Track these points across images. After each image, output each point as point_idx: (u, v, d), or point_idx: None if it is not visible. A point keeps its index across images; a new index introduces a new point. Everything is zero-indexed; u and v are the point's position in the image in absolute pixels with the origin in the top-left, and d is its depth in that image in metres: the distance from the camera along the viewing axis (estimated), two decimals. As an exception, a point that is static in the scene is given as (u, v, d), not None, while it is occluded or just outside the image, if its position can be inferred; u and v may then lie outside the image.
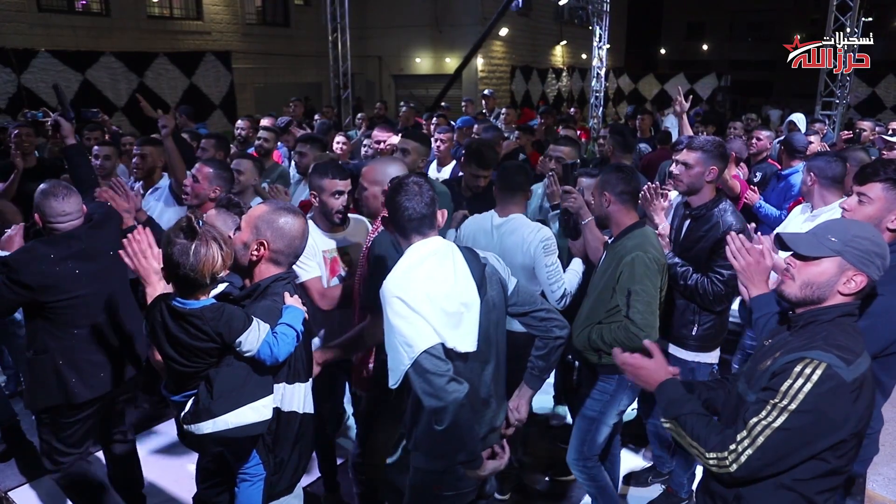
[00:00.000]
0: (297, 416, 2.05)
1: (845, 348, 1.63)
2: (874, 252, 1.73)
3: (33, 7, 12.48)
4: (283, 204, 2.14)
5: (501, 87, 20.26)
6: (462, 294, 2.05)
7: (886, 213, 2.25)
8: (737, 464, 1.64)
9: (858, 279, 1.72)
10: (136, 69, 13.65)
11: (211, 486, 2.14)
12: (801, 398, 1.58)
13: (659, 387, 1.90)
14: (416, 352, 1.94)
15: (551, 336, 2.29)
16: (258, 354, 1.87)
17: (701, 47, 34.78)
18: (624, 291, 2.67)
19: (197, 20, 15.55)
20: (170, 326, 1.87)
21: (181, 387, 1.96)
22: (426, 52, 20.36)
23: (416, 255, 2.06)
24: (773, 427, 1.61)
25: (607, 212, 2.85)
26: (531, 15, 20.49)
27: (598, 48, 16.76)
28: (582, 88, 24.22)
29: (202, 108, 14.20)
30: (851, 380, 1.59)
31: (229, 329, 1.84)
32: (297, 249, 2.09)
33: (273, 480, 2.03)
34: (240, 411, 1.84)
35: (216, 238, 1.87)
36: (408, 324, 1.96)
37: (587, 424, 2.94)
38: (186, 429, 1.86)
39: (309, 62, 17.35)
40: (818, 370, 1.58)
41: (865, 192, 2.28)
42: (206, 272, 1.84)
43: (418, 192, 2.07)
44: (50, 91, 12.14)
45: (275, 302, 1.99)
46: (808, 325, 1.75)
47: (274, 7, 17.81)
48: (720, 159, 2.91)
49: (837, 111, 11.51)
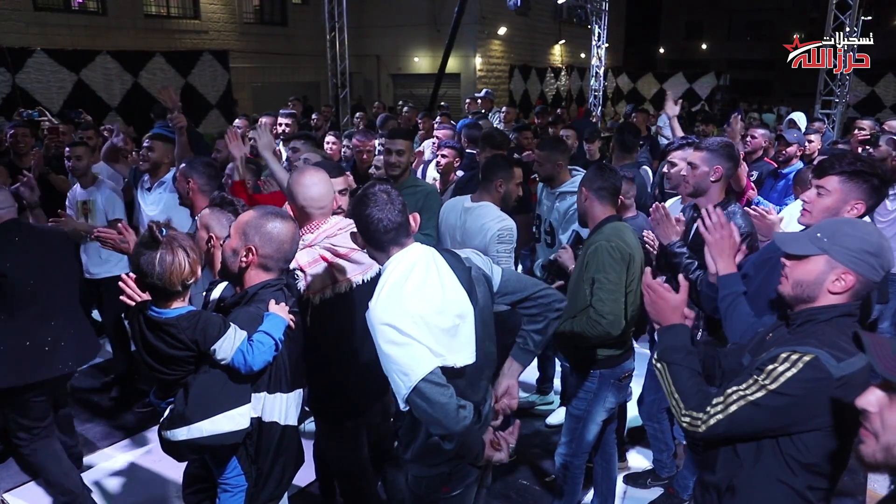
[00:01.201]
0: (279, 428, 2.00)
1: (838, 347, 1.62)
2: (864, 250, 1.68)
3: (29, 6, 12.45)
4: (271, 209, 2.09)
5: (500, 86, 20.24)
6: (454, 305, 1.96)
7: (843, 204, 2.29)
8: (706, 426, 1.68)
9: (847, 278, 1.69)
10: (132, 69, 13.59)
11: (195, 492, 2.13)
12: (781, 381, 1.61)
13: (669, 326, 1.90)
14: (412, 380, 1.83)
15: (553, 309, 2.19)
16: (232, 362, 1.84)
17: (700, 46, 34.81)
18: (589, 280, 2.73)
19: (194, 19, 15.53)
20: (147, 336, 1.87)
21: (167, 394, 1.95)
22: (424, 51, 20.34)
23: (399, 271, 1.93)
24: (747, 399, 1.64)
25: (584, 207, 2.92)
26: (530, 14, 20.47)
27: (597, 47, 16.76)
28: (581, 88, 24.21)
29: (198, 107, 14.15)
30: (839, 376, 1.58)
31: (204, 336, 1.82)
32: (287, 254, 2.03)
33: (253, 493, 1.99)
34: (215, 419, 1.81)
35: (181, 245, 1.86)
36: (402, 351, 1.84)
37: (574, 423, 2.96)
38: (162, 434, 1.86)
39: (307, 61, 17.33)
40: (805, 359, 1.60)
41: (823, 184, 2.32)
42: (175, 280, 1.83)
43: (388, 201, 1.94)
44: (44, 91, 12.13)
45: (258, 309, 1.96)
46: (805, 324, 1.74)
47: (272, 6, 17.80)
48: (726, 159, 2.86)
49: (837, 110, 11.48)
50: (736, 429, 1.67)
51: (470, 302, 2.00)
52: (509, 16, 18.58)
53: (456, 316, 1.96)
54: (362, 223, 1.97)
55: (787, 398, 1.61)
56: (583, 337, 2.73)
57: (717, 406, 1.68)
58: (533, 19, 20.65)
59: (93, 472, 3.69)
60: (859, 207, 2.26)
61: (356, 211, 1.99)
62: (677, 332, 1.88)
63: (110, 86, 13.30)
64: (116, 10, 13.85)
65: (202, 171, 3.36)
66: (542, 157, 3.92)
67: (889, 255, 1.70)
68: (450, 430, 1.87)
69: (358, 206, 1.98)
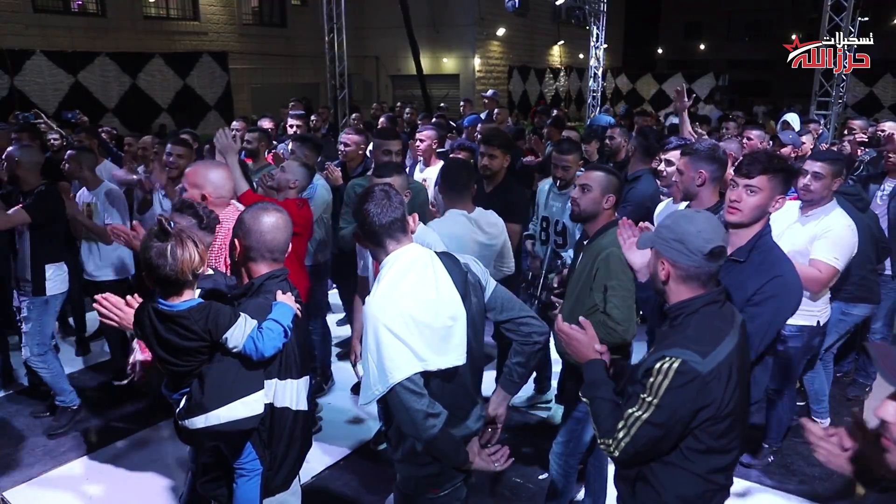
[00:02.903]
0: (290, 413, 2.08)
1: (703, 341, 1.75)
2: (671, 238, 1.82)
3: (28, 7, 12.46)
4: (260, 205, 2.19)
5: (499, 87, 20.25)
6: (448, 307, 2.00)
7: (770, 200, 2.40)
8: (618, 450, 1.81)
9: (666, 265, 1.85)
10: (130, 71, 13.64)
11: (211, 480, 2.18)
12: (660, 393, 1.73)
13: (585, 364, 2.03)
14: (390, 382, 1.92)
15: (531, 342, 2.22)
16: (243, 349, 1.91)
17: (698, 47, 34.78)
18: (600, 288, 2.68)
19: (193, 20, 15.54)
20: (159, 329, 1.92)
21: (178, 385, 2.01)
22: (424, 52, 20.27)
23: (397, 269, 2.01)
24: (641, 419, 1.76)
25: (593, 209, 2.88)
26: (528, 15, 20.47)
27: (595, 48, 16.77)
28: (580, 88, 24.22)
29: (195, 109, 14.19)
30: (707, 371, 1.71)
31: (216, 326, 1.89)
32: (270, 244, 2.10)
33: (269, 476, 2.08)
34: (231, 406, 1.88)
35: (190, 237, 1.92)
36: (388, 350, 1.92)
37: (574, 424, 2.96)
38: (181, 424, 1.92)
39: (306, 63, 17.34)
40: (674, 366, 1.72)
41: (754, 183, 2.40)
42: (187, 270, 1.88)
43: (385, 197, 2.04)
44: (41, 93, 12.13)
45: (266, 299, 2.05)
46: (678, 318, 1.86)
47: (271, 7, 17.81)
48: (709, 162, 2.84)
49: (833, 111, 11.49)
50: (641, 448, 1.79)
51: (463, 306, 2.05)
52: (508, 17, 18.59)
53: (449, 317, 2.00)
54: (360, 218, 2.07)
55: (668, 409, 1.73)
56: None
57: (621, 431, 1.80)
58: (531, 20, 20.66)
59: (92, 471, 3.72)
60: (781, 202, 2.38)
61: (356, 207, 2.10)
62: (594, 367, 2.01)
63: (108, 87, 13.34)
64: (115, 12, 13.86)
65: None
66: (570, 160, 3.89)
67: (697, 241, 1.78)
68: (419, 435, 1.97)
69: (358, 203, 2.09)
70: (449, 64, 20.53)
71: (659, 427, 1.75)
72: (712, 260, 1.80)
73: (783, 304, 2.27)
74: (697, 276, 1.82)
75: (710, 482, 1.87)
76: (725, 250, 1.84)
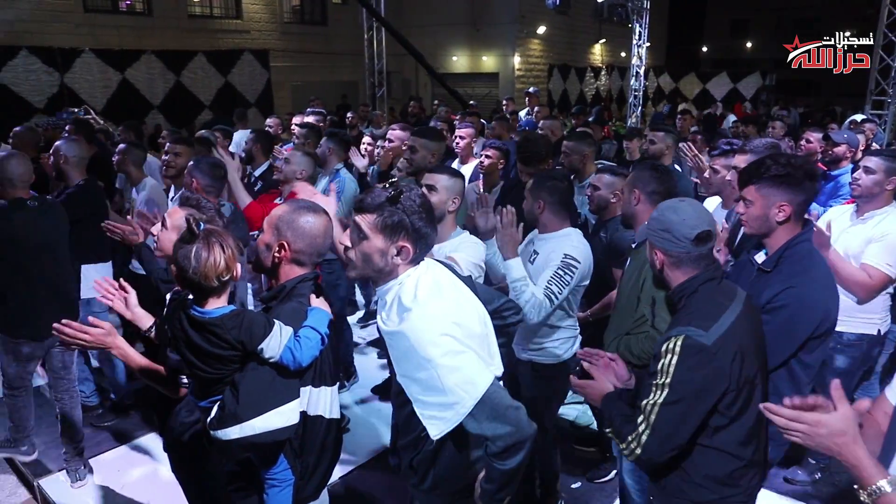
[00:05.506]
0: (323, 421, 1.99)
1: (703, 317, 1.82)
2: (658, 228, 1.98)
3: (79, 7, 12.84)
4: (304, 203, 2.06)
5: (538, 85, 20.06)
6: (480, 312, 1.85)
7: (768, 209, 2.27)
8: (640, 447, 1.80)
9: (658, 254, 2.00)
10: (174, 68, 13.94)
11: (239, 489, 2.10)
12: (672, 371, 1.77)
13: (603, 399, 2.02)
14: (480, 391, 1.67)
15: (507, 324, 2.09)
16: (281, 360, 1.82)
17: (745, 45, 33.92)
18: (649, 300, 2.46)
19: (236, 19, 15.81)
20: (190, 335, 1.85)
21: (207, 392, 1.93)
22: (463, 50, 20.32)
23: (427, 280, 1.80)
24: (658, 403, 1.78)
25: (634, 210, 2.73)
26: (569, 13, 20.26)
27: (638, 46, 16.45)
28: (621, 87, 23.86)
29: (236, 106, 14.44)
30: (713, 342, 1.76)
31: (250, 336, 1.80)
32: (320, 248, 2.01)
33: (300, 485, 1.99)
34: (266, 416, 1.79)
35: (218, 241, 1.82)
36: (465, 359, 1.68)
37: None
38: (213, 434, 1.82)
39: (345, 60, 17.47)
40: (679, 343, 1.78)
41: (745, 195, 2.32)
42: (211, 275, 1.79)
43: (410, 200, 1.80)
44: (90, 90, 12.48)
45: (301, 304, 1.95)
46: (681, 300, 1.97)
47: (312, 6, 18.01)
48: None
49: (890, 110, 11.02)
50: (664, 434, 1.78)
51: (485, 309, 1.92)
52: (549, 15, 18.43)
53: (484, 323, 1.86)
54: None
55: (684, 384, 1.76)
56: (640, 357, 2.45)
57: (641, 424, 1.81)
58: (573, 18, 20.47)
59: (125, 462, 3.74)
60: (785, 209, 2.23)
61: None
62: (608, 400, 1.99)
63: (153, 84, 13.66)
64: (161, 11, 14.19)
65: (206, 172, 3.40)
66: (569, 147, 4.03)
67: (682, 228, 1.92)
68: (524, 436, 1.70)
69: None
70: (489, 62, 20.44)
71: (676, 405, 1.76)
72: (700, 244, 1.92)
73: (794, 315, 2.15)
74: (689, 260, 1.94)
75: (737, 458, 1.88)
76: (711, 234, 1.94)
